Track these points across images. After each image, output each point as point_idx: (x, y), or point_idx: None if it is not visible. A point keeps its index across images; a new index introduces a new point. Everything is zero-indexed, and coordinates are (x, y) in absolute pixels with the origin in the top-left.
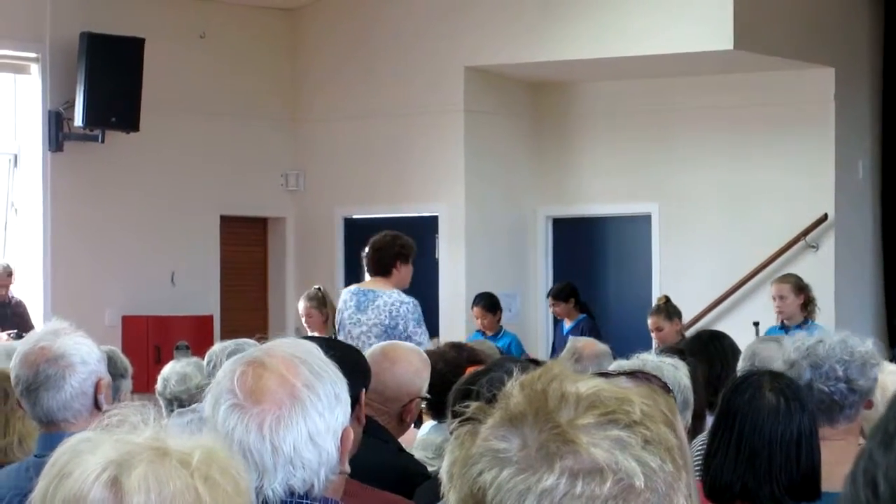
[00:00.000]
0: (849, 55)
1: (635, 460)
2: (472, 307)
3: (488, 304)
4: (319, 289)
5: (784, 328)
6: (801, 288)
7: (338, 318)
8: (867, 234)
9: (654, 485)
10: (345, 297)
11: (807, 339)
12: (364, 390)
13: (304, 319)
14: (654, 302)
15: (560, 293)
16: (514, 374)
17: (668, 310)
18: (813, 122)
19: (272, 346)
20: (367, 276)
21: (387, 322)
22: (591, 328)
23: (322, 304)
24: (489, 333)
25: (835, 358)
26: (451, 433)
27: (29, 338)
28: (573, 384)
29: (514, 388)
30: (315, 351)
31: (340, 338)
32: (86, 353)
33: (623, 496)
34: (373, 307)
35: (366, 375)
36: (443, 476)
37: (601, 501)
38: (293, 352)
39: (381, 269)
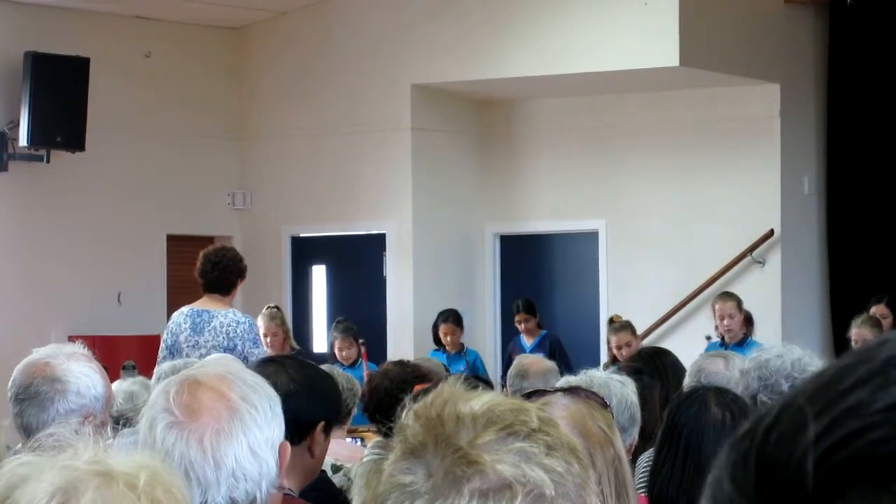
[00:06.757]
0: (793, 71)
1: (542, 469)
2: (440, 323)
3: (457, 319)
4: (277, 307)
5: (724, 345)
6: (740, 305)
7: (170, 340)
8: (813, 250)
9: (565, 489)
10: (178, 320)
11: (767, 351)
12: (323, 423)
13: (267, 339)
14: (610, 320)
15: (532, 308)
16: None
17: (632, 327)
18: (758, 138)
19: (203, 365)
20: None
21: (224, 343)
22: (559, 344)
23: (282, 322)
24: (452, 351)
25: (783, 373)
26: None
27: (43, 349)
28: (466, 404)
29: (409, 419)
30: (245, 368)
31: (177, 362)
32: (84, 386)
33: None
34: (209, 329)
35: (329, 405)
36: None
37: None
38: (225, 369)
39: (222, 287)
